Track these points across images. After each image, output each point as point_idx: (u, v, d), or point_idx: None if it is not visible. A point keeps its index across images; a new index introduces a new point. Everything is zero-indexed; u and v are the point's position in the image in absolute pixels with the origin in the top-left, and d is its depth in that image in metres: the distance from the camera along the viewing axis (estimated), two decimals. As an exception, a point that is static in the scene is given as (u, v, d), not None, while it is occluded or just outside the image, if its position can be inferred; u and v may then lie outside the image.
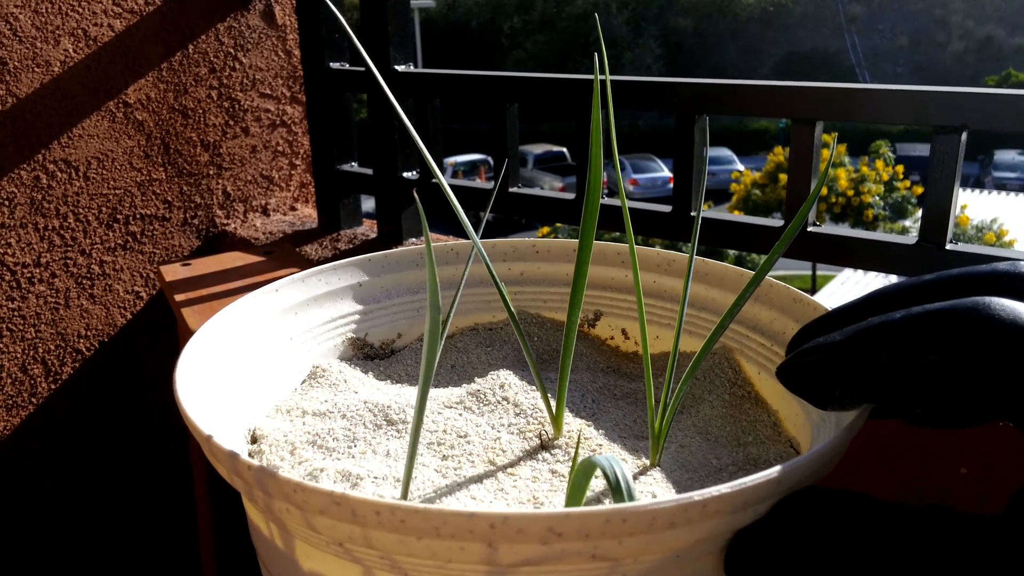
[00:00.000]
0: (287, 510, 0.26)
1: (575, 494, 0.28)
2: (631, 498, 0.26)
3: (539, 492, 0.33)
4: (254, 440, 0.38)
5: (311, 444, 0.36)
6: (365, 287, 0.46)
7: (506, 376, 0.41)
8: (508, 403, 0.39)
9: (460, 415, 0.38)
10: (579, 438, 0.36)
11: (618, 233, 0.80)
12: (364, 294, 0.46)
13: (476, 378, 0.42)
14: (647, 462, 0.35)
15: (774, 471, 0.24)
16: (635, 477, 0.34)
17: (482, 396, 0.40)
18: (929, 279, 0.27)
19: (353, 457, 0.36)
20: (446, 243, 0.48)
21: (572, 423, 0.38)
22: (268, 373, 0.41)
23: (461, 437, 0.36)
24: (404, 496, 0.32)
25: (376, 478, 0.33)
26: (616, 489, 0.26)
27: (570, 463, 0.35)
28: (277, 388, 0.41)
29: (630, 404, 0.41)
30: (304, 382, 0.43)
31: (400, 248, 0.47)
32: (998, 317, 0.23)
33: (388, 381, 0.44)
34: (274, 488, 0.25)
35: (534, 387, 0.40)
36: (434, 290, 0.29)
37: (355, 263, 0.46)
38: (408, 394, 0.41)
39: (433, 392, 0.41)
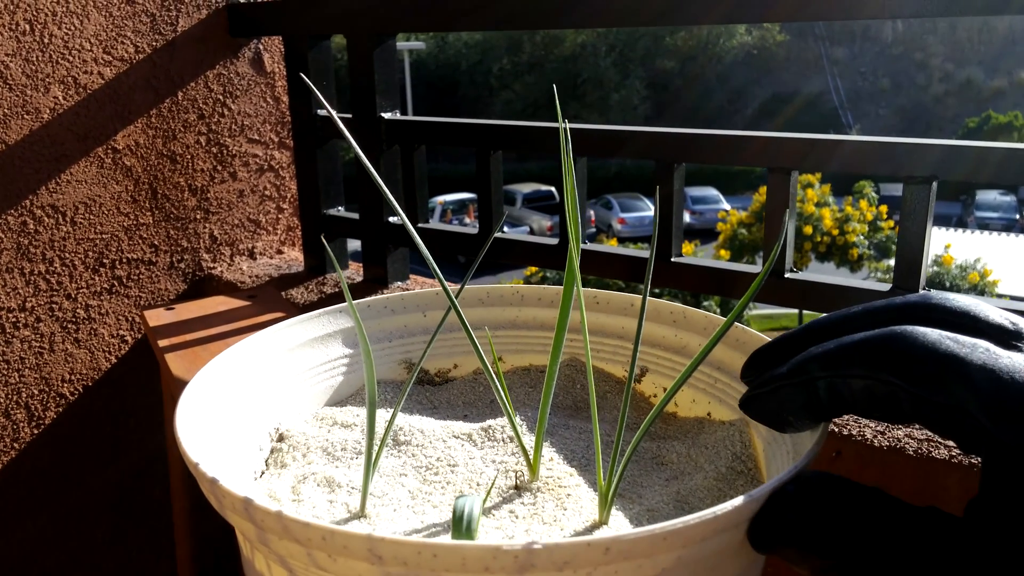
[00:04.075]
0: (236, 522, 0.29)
1: (454, 527, 0.30)
2: (469, 536, 0.27)
3: (483, 525, 0.34)
4: (281, 439, 0.41)
5: (322, 450, 0.40)
6: (429, 318, 0.49)
7: (522, 418, 0.43)
8: (511, 443, 0.41)
9: (462, 446, 0.41)
10: (552, 484, 0.37)
11: (611, 280, 0.81)
12: (428, 325, 0.49)
13: (500, 416, 0.43)
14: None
15: (600, 539, 0.24)
16: (579, 532, 0.34)
17: (491, 432, 0.42)
18: (857, 311, 0.31)
19: (348, 467, 0.39)
20: (509, 286, 0.50)
21: (556, 469, 0.38)
22: (317, 384, 0.45)
23: (451, 466, 0.39)
24: (362, 508, 0.35)
25: (353, 488, 0.36)
26: (456, 525, 0.28)
27: (533, 505, 0.35)
28: (323, 398, 0.46)
29: (632, 461, 0.41)
30: (351, 396, 0.47)
31: (468, 287, 0.49)
32: (912, 342, 0.27)
33: (424, 405, 0.47)
34: (201, 479, 0.29)
35: (545, 430, 0.40)
36: (364, 342, 0.34)
37: (421, 295, 0.49)
38: (426, 422, 0.43)
39: (451, 424, 0.43)
